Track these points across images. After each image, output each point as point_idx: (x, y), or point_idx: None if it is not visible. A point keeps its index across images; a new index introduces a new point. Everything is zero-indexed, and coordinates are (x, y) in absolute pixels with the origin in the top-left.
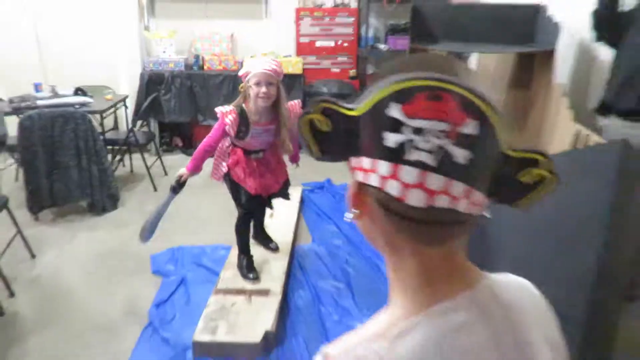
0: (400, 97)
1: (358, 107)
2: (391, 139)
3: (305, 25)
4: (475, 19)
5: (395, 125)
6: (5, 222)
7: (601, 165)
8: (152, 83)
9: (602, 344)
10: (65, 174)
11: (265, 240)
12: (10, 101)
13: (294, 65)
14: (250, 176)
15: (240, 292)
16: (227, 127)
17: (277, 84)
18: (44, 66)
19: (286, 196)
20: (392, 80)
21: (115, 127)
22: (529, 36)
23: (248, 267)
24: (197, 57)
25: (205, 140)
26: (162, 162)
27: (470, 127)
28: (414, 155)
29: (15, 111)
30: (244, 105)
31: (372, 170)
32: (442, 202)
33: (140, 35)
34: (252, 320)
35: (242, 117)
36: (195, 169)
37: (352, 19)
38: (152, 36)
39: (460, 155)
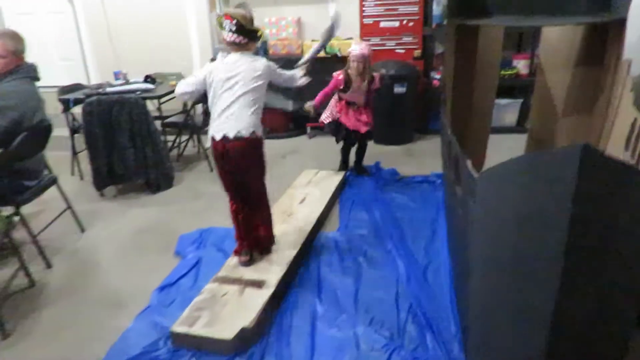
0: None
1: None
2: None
3: (369, 6)
4: None
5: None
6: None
7: (560, 173)
8: None
9: None
10: (122, 155)
11: (361, 171)
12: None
13: None
14: (348, 119)
15: (236, 281)
16: (339, 78)
17: (364, 61)
18: (119, 55)
19: (370, 136)
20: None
21: (185, 111)
22: (603, 3)
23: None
24: (263, 42)
25: (324, 89)
26: None
27: (235, 21)
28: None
29: (87, 97)
30: (348, 70)
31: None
32: (231, 39)
33: (212, 24)
34: (235, 314)
35: (346, 78)
36: (318, 104)
37: None
38: None
39: (233, 26)
